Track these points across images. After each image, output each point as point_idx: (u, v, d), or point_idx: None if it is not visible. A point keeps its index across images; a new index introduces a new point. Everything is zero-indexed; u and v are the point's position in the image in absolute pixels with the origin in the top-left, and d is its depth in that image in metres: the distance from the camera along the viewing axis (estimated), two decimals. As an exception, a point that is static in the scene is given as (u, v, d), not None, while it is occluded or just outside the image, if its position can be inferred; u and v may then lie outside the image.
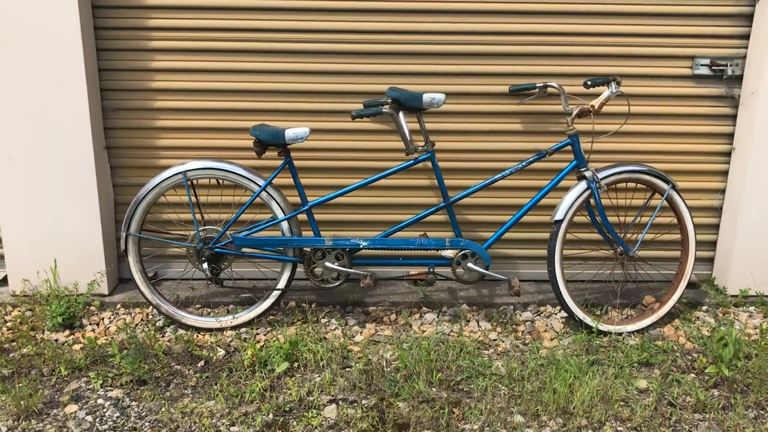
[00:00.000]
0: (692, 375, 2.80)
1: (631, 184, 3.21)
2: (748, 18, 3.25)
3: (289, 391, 2.64)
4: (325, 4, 3.21)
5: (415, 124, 3.26)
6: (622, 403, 2.60)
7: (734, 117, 3.37)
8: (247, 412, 2.52)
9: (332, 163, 3.40)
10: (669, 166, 3.40)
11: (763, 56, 3.16)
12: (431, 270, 3.12)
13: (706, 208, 3.49)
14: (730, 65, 3.28)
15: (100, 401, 2.60)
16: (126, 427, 2.45)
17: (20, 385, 2.64)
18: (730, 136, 3.40)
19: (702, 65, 3.31)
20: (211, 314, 3.25)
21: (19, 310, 3.23)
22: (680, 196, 3.11)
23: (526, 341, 3.07)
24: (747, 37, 3.27)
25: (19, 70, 3.06)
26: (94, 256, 3.29)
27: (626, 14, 3.25)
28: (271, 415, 2.50)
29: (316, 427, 2.45)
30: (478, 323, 3.21)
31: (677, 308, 3.26)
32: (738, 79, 3.32)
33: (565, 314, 3.27)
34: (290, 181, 3.08)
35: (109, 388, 2.68)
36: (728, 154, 3.42)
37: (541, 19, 3.25)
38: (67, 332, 3.08)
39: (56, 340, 3.02)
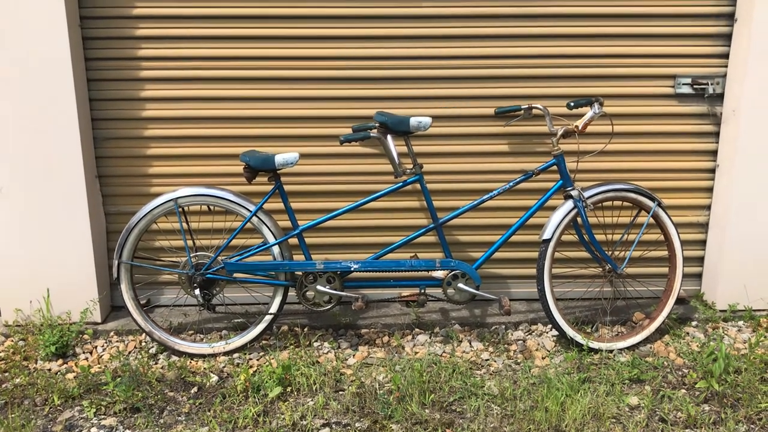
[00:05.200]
0: (683, 390, 2.82)
1: (618, 202, 3.25)
2: (727, 38, 3.32)
3: (283, 416, 2.64)
4: (311, 32, 3.27)
5: (403, 147, 3.31)
6: (614, 420, 2.61)
7: (717, 134, 3.43)
8: (241, 438, 2.53)
9: (322, 187, 3.44)
10: (654, 184, 3.45)
11: (742, 75, 3.23)
12: (422, 291, 3.15)
13: (692, 225, 3.54)
14: (711, 84, 3.35)
15: (93, 430, 2.59)
16: (119, 456, 2.46)
17: (13, 415, 2.63)
18: (714, 153, 3.45)
19: (684, 84, 3.37)
20: (204, 340, 3.26)
21: (12, 340, 3.23)
22: (666, 213, 3.15)
23: (518, 360, 3.09)
24: (726, 56, 3.34)
25: (9, 102, 3.09)
26: (87, 284, 3.31)
27: (608, 36, 3.32)
28: (264, 440, 2.51)
29: (309, 451, 2.46)
30: (470, 343, 3.23)
31: (667, 324, 3.29)
32: (719, 97, 3.38)
33: (556, 333, 3.29)
34: (281, 205, 3.11)
35: (103, 416, 2.68)
36: (712, 170, 3.47)
37: (525, 43, 3.31)
38: (60, 361, 3.08)
39: (49, 370, 3.02)
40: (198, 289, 3.04)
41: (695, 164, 3.47)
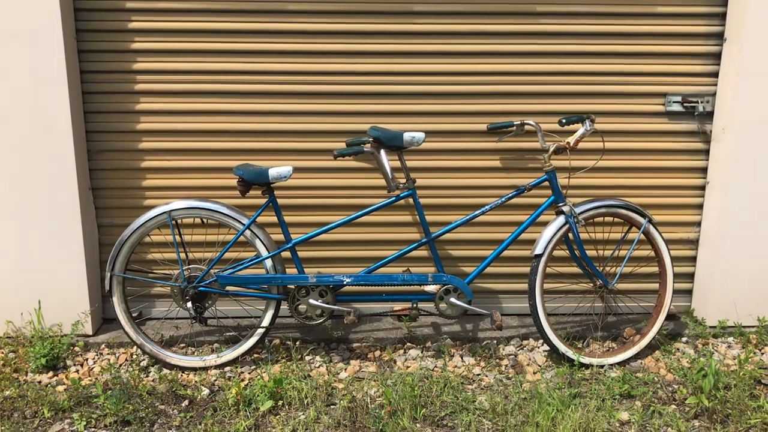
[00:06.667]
0: (673, 406, 2.84)
1: (609, 218, 3.27)
2: (717, 57, 3.36)
3: (274, 430, 2.64)
4: (305, 47, 3.29)
5: (396, 162, 3.32)
6: (604, 436, 2.63)
7: (707, 152, 3.46)
8: (232, 452, 2.52)
9: (315, 201, 3.45)
10: (645, 200, 3.48)
11: (732, 93, 3.27)
12: (415, 305, 3.15)
13: (683, 241, 3.56)
14: (701, 102, 3.38)
15: (83, 443, 2.59)
16: (109, 469, 2.45)
17: (2, 428, 2.62)
18: (704, 170, 3.48)
19: (674, 102, 3.41)
20: (196, 353, 3.25)
21: (2, 352, 3.21)
22: (657, 230, 3.18)
23: (510, 375, 3.09)
24: (716, 75, 3.38)
25: (3, 111, 3.10)
26: (79, 296, 3.30)
27: (599, 54, 3.36)
28: (255, 454, 2.50)
29: (300, 466, 2.45)
30: (461, 358, 3.23)
31: (657, 340, 3.30)
32: (709, 115, 3.42)
33: (547, 348, 3.30)
34: (274, 219, 3.12)
35: (93, 429, 2.67)
36: (702, 187, 3.50)
37: (518, 59, 3.34)
38: (50, 373, 3.07)
39: (39, 382, 3.01)
40: (190, 302, 3.04)
41: (685, 181, 3.50)
